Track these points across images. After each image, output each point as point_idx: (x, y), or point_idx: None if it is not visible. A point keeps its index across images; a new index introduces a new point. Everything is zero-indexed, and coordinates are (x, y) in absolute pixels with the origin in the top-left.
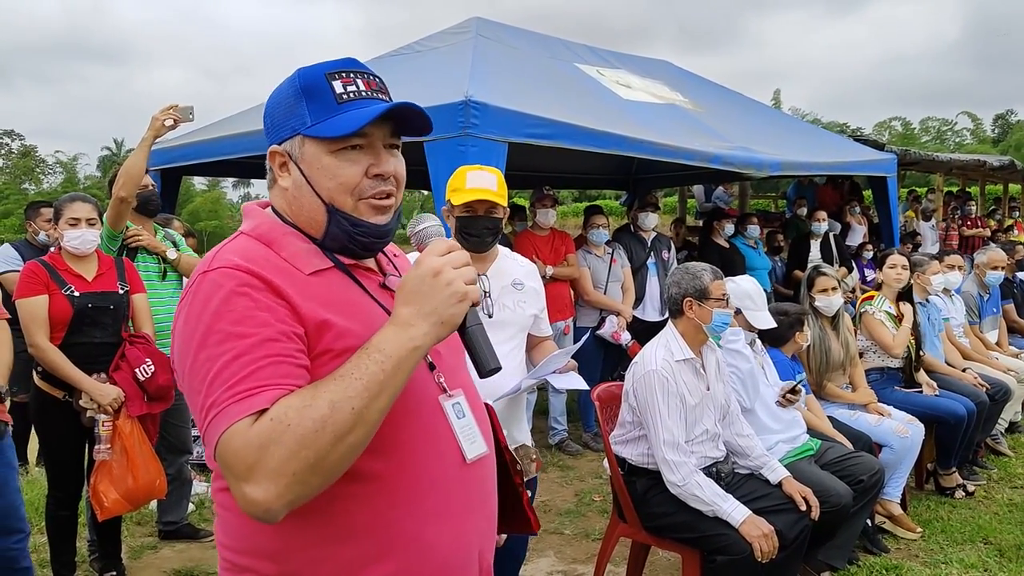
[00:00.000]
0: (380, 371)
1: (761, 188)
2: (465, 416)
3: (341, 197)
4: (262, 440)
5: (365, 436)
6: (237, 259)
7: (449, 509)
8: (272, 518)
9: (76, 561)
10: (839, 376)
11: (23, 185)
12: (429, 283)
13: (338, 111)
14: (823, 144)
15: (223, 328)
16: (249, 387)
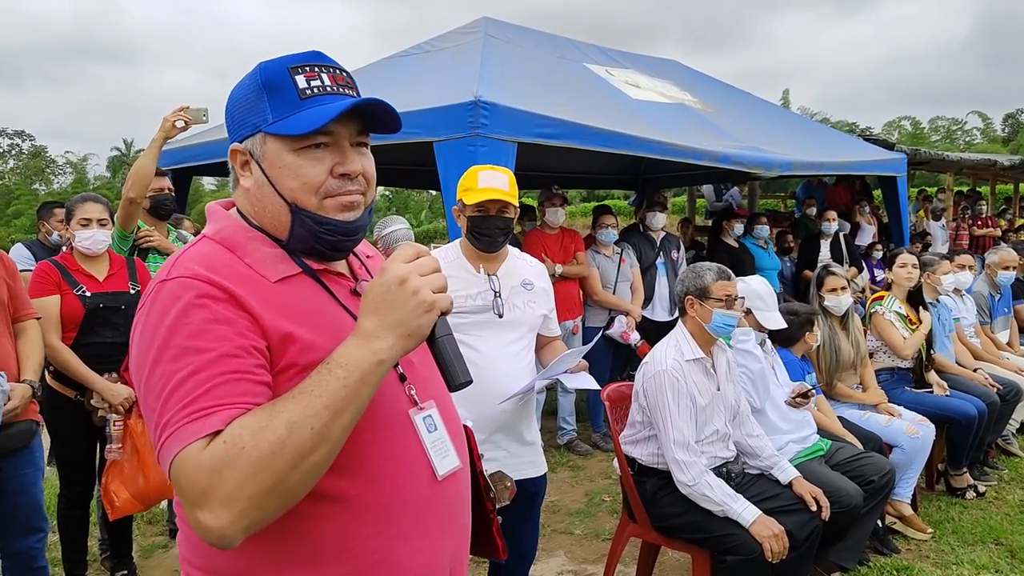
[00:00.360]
0: (342, 388)
1: (770, 188)
2: (437, 430)
3: (304, 197)
4: (215, 464)
5: (327, 456)
6: (197, 267)
7: (420, 528)
8: (227, 545)
9: (87, 560)
10: (849, 376)
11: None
12: (395, 292)
13: (301, 107)
14: (833, 144)
15: (179, 343)
16: (204, 406)
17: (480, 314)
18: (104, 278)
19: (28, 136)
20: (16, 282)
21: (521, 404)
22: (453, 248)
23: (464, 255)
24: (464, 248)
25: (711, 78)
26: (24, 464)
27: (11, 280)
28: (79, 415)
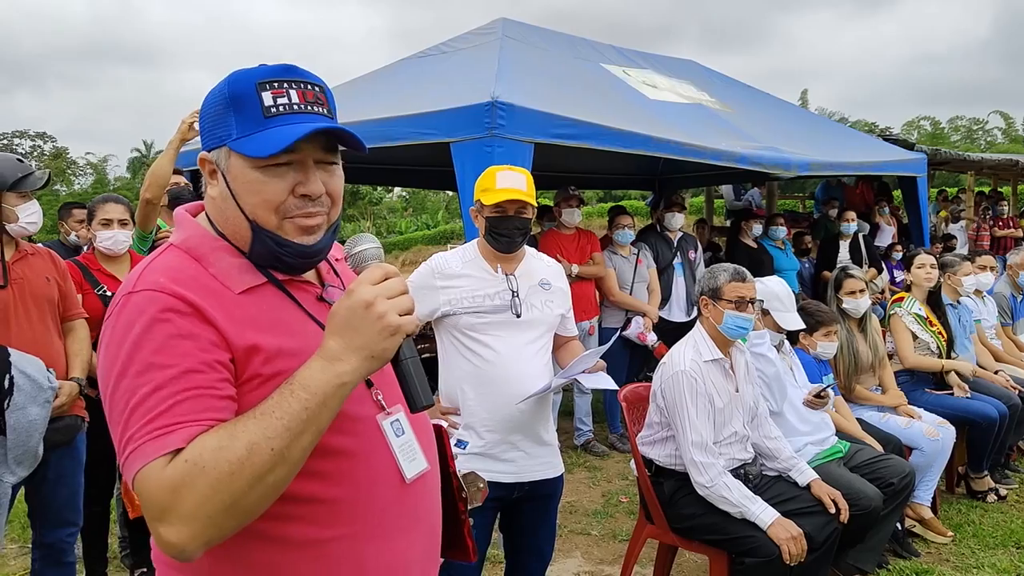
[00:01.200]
0: (303, 409)
1: (789, 189)
2: (404, 433)
3: (264, 214)
4: (175, 483)
5: (287, 475)
6: (163, 279)
7: (388, 530)
8: (187, 558)
9: (108, 557)
10: (868, 378)
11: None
12: (360, 315)
13: (264, 126)
14: (852, 144)
15: (143, 358)
16: (166, 423)
17: (498, 314)
18: (125, 278)
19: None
20: (66, 282)
21: (538, 405)
22: (471, 248)
23: (482, 255)
24: (482, 248)
25: (729, 78)
26: (66, 457)
27: (62, 280)
28: (100, 414)
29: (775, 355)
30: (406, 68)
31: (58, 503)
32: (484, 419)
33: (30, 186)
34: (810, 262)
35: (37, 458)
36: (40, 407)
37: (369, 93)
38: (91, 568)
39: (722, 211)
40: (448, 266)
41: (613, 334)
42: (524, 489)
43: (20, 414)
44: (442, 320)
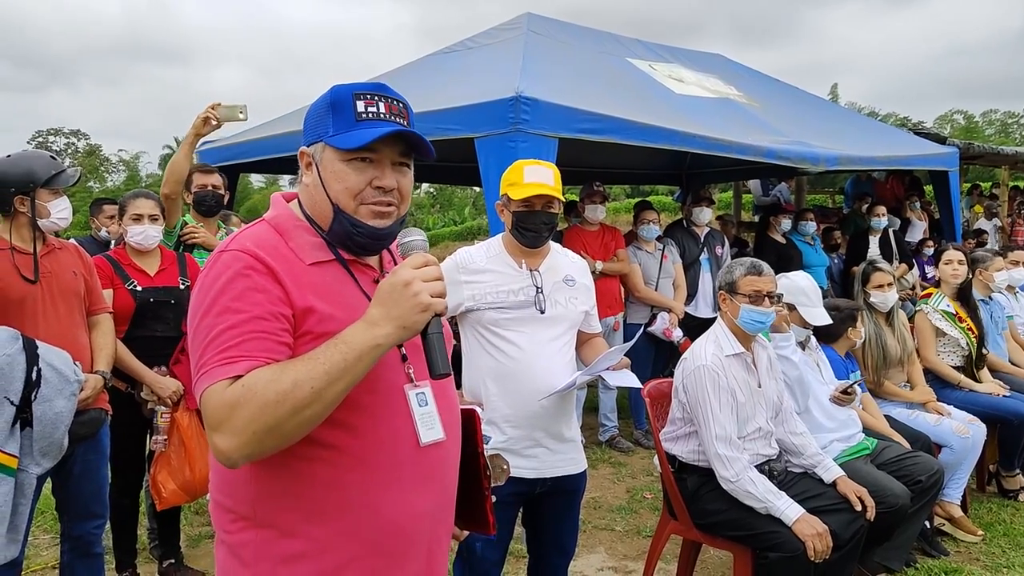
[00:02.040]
0: (342, 360)
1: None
2: (427, 405)
3: (345, 199)
4: (232, 401)
5: (321, 412)
6: (249, 244)
7: (400, 482)
8: (232, 465)
9: (137, 548)
10: (897, 374)
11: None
12: (399, 291)
13: (355, 127)
14: (882, 138)
15: (224, 302)
16: (233, 355)
17: (522, 310)
18: (155, 273)
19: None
20: (92, 277)
21: (561, 401)
22: (495, 243)
23: (506, 250)
24: (507, 243)
25: (757, 72)
26: (91, 450)
27: (88, 275)
28: (129, 407)
29: (799, 357)
30: (431, 64)
31: (85, 496)
32: (507, 415)
33: (62, 183)
34: (839, 258)
35: (62, 450)
36: (66, 400)
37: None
38: (120, 559)
39: (750, 206)
40: (472, 261)
41: (638, 330)
42: (547, 485)
43: (47, 406)
44: (466, 315)
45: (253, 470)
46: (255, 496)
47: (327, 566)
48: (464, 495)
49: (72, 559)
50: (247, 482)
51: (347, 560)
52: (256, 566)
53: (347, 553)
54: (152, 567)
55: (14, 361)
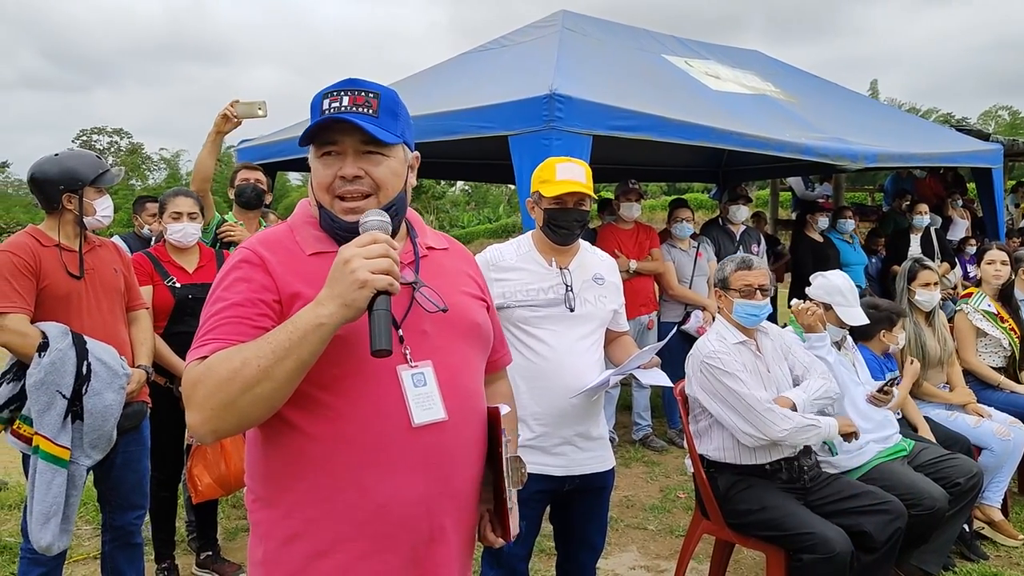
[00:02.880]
0: (287, 338)
1: (858, 181)
2: (426, 385)
3: (320, 194)
4: (195, 379)
5: (274, 390)
6: (255, 241)
7: (391, 463)
8: (201, 439)
9: (175, 540)
10: (936, 375)
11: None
12: (339, 269)
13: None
14: (923, 134)
15: (217, 293)
16: (207, 338)
17: (551, 307)
18: (194, 270)
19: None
20: (131, 273)
21: (590, 399)
22: (525, 241)
23: (537, 248)
24: (537, 241)
25: (795, 68)
26: (133, 442)
27: (127, 272)
28: (169, 401)
29: (835, 358)
30: (466, 62)
31: (126, 487)
32: (536, 412)
33: (108, 182)
34: (878, 258)
35: (111, 442)
36: (115, 393)
37: (430, 87)
38: (159, 550)
39: (788, 204)
40: (502, 259)
41: (672, 329)
42: (575, 482)
43: (97, 399)
44: None
45: (262, 451)
46: (264, 476)
47: (319, 547)
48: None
49: (113, 549)
50: (259, 462)
51: (336, 541)
52: (267, 545)
53: (336, 534)
54: (190, 559)
55: (65, 356)
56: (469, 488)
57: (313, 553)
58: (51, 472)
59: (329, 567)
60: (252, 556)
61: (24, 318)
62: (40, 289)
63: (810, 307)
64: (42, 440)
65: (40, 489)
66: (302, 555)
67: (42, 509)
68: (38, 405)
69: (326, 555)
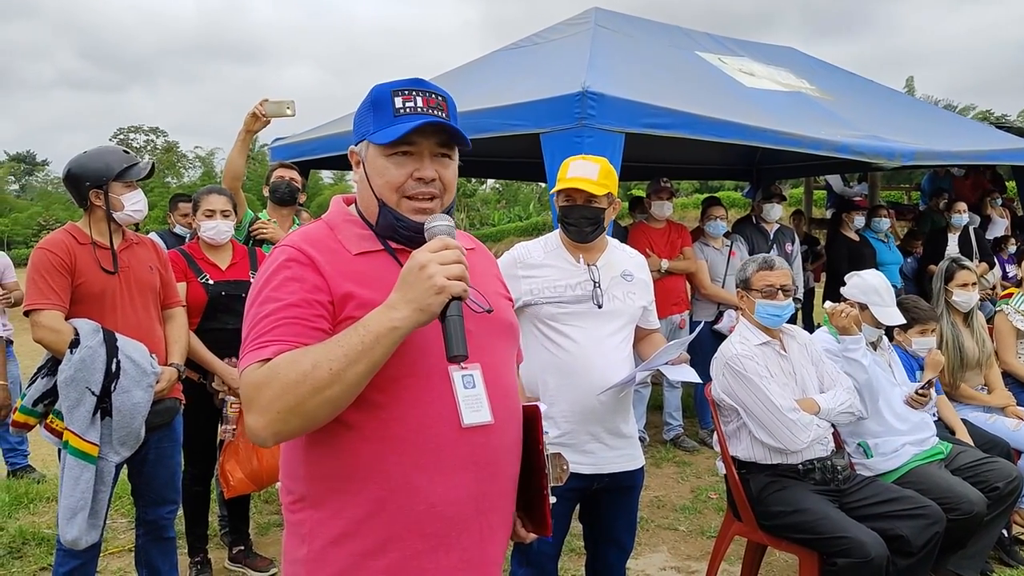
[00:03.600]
0: (360, 342)
1: (894, 179)
2: (475, 387)
3: (387, 193)
4: (259, 382)
5: (343, 393)
6: (298, 239)
7: (442, 463)
8: (261, 443)
9: (208, 534)
10: (974, 376)
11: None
12: (414, 274)
13: (393, 123)
14: (962, 132)
15: (266, 293)
16: (264, 340)
17: (579, 304)
18: (227, 267)
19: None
20: (167, 271)
21: (618, 397)
22: (552, 238)
23: (564, 245)
24: (564, 238)
25: (830, 65)
26: (165, 439)
27: (163, 269)
28: (202, 397)
29: (870, 360)
30: (499, 60)
31: (159, 482)
32: (564, 409)
33: (135, 176)
34: (914, 257)
35: (139, 439)
36: (144, 391)
37: (462, 85)
38: (192, 544)
39: (822, 203)
40: (530, 256)
41: (701, 326)
42: (604, 481)
43: (125, 397)
44: (523, 310)
45: (306, 452)
46: (309, 477)
47: (369, 546)
48: (523, 493)
49: (146, 543)
50: (302, 463)
51: (387, 541)
52: (311, 544)
53: (387, 534)
54: (222, 553)
55: (95, 353)
56: (511, 486)
57: (363, 552)
58: (79, 468)
59: (380, 567)
60: (291, 555)
61: (58, 315)
62: (75, 287)
63: (844, 308)
64: (71, 436)
65: (68, 484)
66: (351, 555)
67: (69, 504)
68: (68, 401)
69: (376, 555)
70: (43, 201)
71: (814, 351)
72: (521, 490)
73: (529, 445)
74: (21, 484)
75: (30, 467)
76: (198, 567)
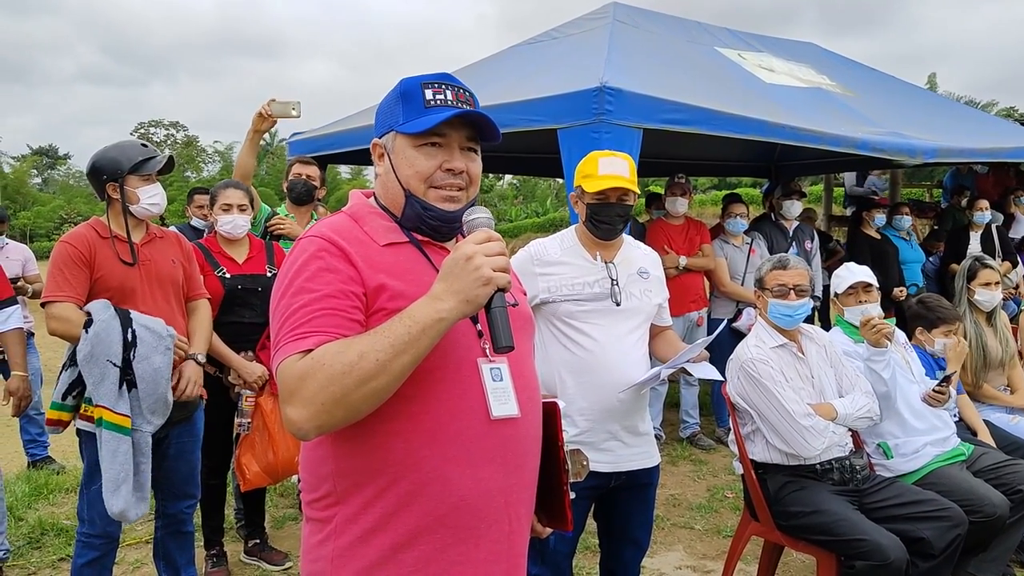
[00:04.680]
0: (407, 333)
1: (916, 177)
2: (502, 381)
3: (416, 183)
4: (302, 373)
5: (388, 384)
6: (325, 230)
7: (472, 455)
8: (303, 436)
9: (224, 527)
10: (997, 377)
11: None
12: (461, 266)
13: (424, 113)
14: (985, 129)
15: (299, 283)
16: (304, 331)
17: (597, 302)
18: (243, 261)
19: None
20: (191, 264)
21: (635, 395)
22: (569, 235)
23: (581, 242)
24: (580, 235)
25: (851, 61)
26: (185, 433)
27: (187, 262)
28: (218, 390)
29: (891, 374)
30: (516, 55)
31: (179, 477)
32: (583, 408)
33: (150, 169)
34: (936, 256)
35: (168, 405)
36: (162, 355)
37: (480, 80)
38: (208, 537)
39: (842, 200)
40: (546, 253)
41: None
42: (621, 478)
43: (146, 364)
44: (540, 307)
45: (333, 448)
46: (335, 473)
47: (399, 539)
48: (543, 489)
49: (164, 536)
50: (328, 459)
51: (417, 534)
52: (338, 540)
53: (417, 527)
54: (238, 546)
55: (110, 326)
56: (534, 480)
57: (392, 546)
58: (115, 440)
59: (410, 560)
60: (314, 552)
61: (71, 306)
62: (95, 280)
63: (878, 324)
64: (102, 411)
65: (107, 458)
66: (380, 548)
67: (111, 476)
68: (92, 378)
69: (406, 548)
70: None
71: (833, 353)
72: (538, 486)
73: (548, 441)
74: (41, 475)
75: (50, 458)
76: (214, 560)
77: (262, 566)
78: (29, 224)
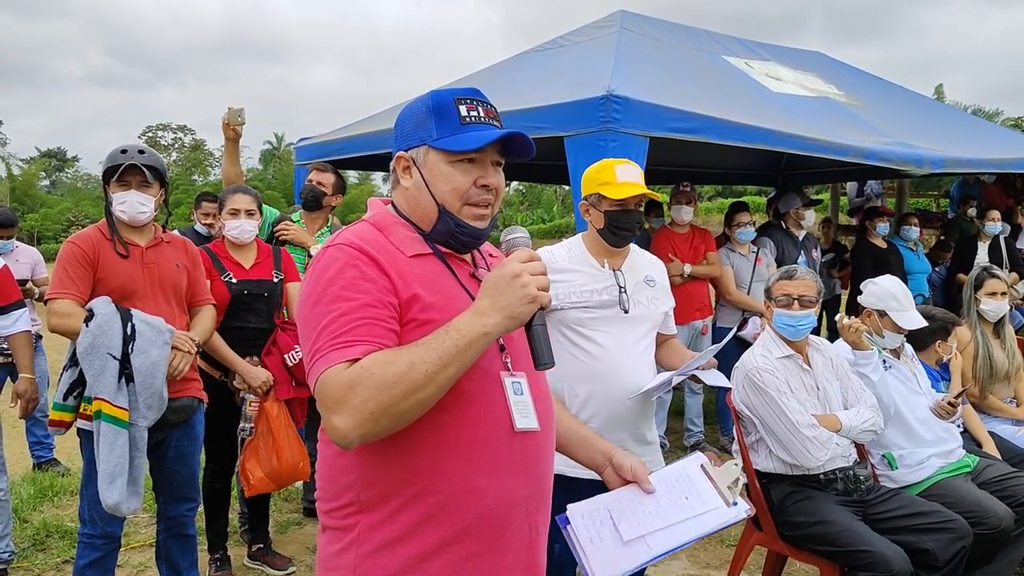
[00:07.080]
0: (454, 346)
1: (923, 186)
2: (523, 394)
3: (451, 200)
4: (350, 382)
5: (433, 395)
6: (353, 238)
7: (497, 466)
8: (347, 445)
9: (228, 531)
10: (1003, 388)
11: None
12: (507, 283)
13: (462, 130)
14: (993, 138)
15: (334, 292)
16: (348, 340)
17: (606, 309)
18: (250, 266)
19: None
20: (197, 269)
21: (642, 403)
22: (576, 242)
23: (588, 250)
24: (588, 242)
25: (858, 70)
26: (183, 437)
27: (192, 267)
28: (223, 395)
29: (881, 376)
30: (523, 62)
31: (179, 480)
32: (592, 415)
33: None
34: (943, 266)
35: (163, 401)
36: (160, 349)
37: (487, 87)
38: (212, 541)
39: (846, 208)
40: (554, 260)
41: (727, 334)
42: None
43: (143, 357)
44: (548, 315)
45: (358, 457)
46: (359, 482)
47: (426, 549)
48: None
49: (167, 539)
50: (352, 469)
51: (443, 544)
52: (360, 548)
53: (443, 537)
54: (241, 550)
55: (110, 319)
56: (551, 489)
57: (418, 555)
58: (113, 433)
59: (435, 569)
60: (332, 561)
61: (71, 303)
62: (97, 280)
63: (854, 323)
64: (102, 403)
65: (104, 450)
66: (405, 558)
67: (107, 468)
68: (92, 370)
69: (432, 557)
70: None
71: (840, 365)
72: None
73: None
74: (46, 477)
75: (55, 460)
76: (217, 564)
77: (265, 570)
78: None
